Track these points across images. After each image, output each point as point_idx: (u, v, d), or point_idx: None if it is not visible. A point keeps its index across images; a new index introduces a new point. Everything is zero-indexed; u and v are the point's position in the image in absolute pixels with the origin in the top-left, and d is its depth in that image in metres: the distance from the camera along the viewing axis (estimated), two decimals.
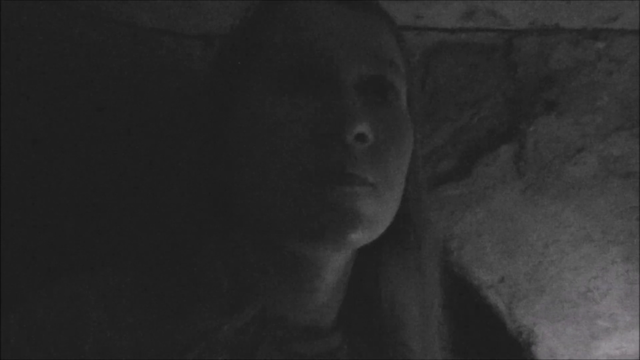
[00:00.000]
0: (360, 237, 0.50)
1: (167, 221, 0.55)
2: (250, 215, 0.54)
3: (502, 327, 0.94)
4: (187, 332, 0.48)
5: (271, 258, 0.54)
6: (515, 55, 0.95)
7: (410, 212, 0.59)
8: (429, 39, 0.96)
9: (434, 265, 0.62)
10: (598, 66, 0.94)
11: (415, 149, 0.58)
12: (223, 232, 0.53)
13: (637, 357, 0.93)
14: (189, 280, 0.51)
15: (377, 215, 0.51)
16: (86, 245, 0.74)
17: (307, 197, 0.48)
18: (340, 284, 0.58)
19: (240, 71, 0.55)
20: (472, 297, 0.94)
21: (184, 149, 0.59)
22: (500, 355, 0.95)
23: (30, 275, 0.70)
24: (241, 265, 0.54)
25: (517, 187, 0.94)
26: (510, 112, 0.95)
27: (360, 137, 0.48)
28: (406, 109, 0.58)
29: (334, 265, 0.56)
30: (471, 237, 0.94)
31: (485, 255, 0.94)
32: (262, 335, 0.52)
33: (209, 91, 0.58)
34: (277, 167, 0.48)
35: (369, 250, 0.57)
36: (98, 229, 0.75)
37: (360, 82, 0.52)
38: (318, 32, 0.51)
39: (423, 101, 0.97)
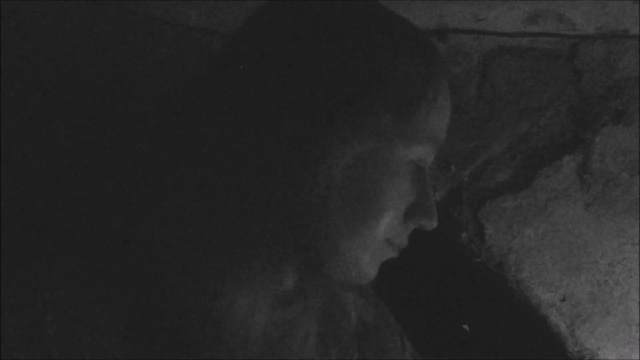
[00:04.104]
0: None
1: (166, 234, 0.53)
2: (299, 248, 0.54)
3: (563, 349, 0.89)
4: None
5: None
6: (581, 61, 0.91)
7: None
8: (488, 43, 0.92)
9: None
10: None
11: None
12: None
13: None
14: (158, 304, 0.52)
15: None
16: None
17: (376, 258, 0.57)
18: None
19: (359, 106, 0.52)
20: (530, 316, 0.89)
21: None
22: None
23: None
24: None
25: (581, 200, 0.90)
26: (574, 121, 0.91)
27: None
28: None
29: None
30: (530, 252, 0.90)
31: (546, 272, 0.89)
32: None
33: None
34: (372, 227, 0.54)
35: None
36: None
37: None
38: (441, 122, 0.56)
39: (480, 107, 0.93)
